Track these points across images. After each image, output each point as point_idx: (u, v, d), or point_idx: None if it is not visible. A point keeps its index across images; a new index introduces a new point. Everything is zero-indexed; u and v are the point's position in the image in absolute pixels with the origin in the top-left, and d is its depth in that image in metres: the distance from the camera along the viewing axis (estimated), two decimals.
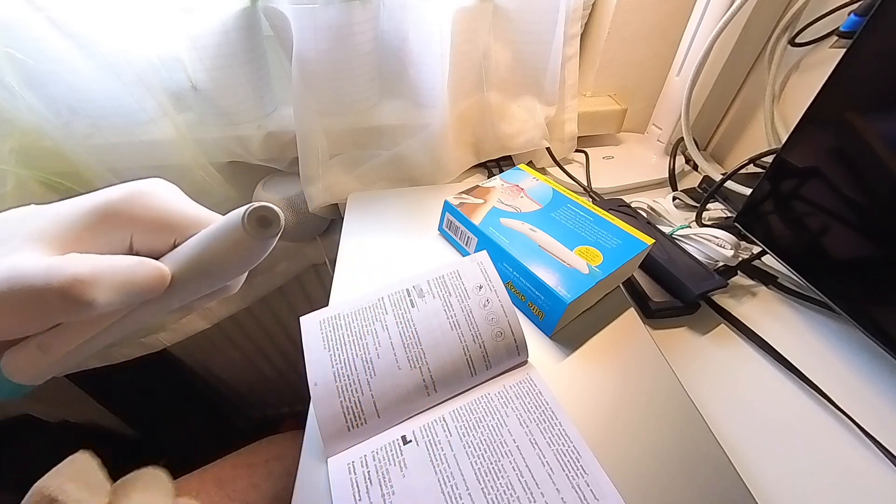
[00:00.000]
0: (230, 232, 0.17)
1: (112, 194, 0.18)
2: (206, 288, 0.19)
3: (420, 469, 0.27)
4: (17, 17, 0.41)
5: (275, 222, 0.16)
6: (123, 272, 0.17)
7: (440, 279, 0.34)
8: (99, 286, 0.16)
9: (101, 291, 0.16)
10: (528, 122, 0.56)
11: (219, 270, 0.18)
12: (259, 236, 0.16)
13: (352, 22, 0.46)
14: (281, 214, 0.17)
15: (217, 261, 0.18)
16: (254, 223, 0.16)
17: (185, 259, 0.18)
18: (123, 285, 0.17)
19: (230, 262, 0.18)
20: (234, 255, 0.18)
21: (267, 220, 0.16)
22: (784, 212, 0.41)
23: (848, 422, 0.34)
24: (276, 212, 0.16)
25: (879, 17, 0.32)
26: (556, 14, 0.49)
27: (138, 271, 0.17)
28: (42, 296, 0.15)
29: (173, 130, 0.50)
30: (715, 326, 0.41)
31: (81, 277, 0.16)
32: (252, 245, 0.17)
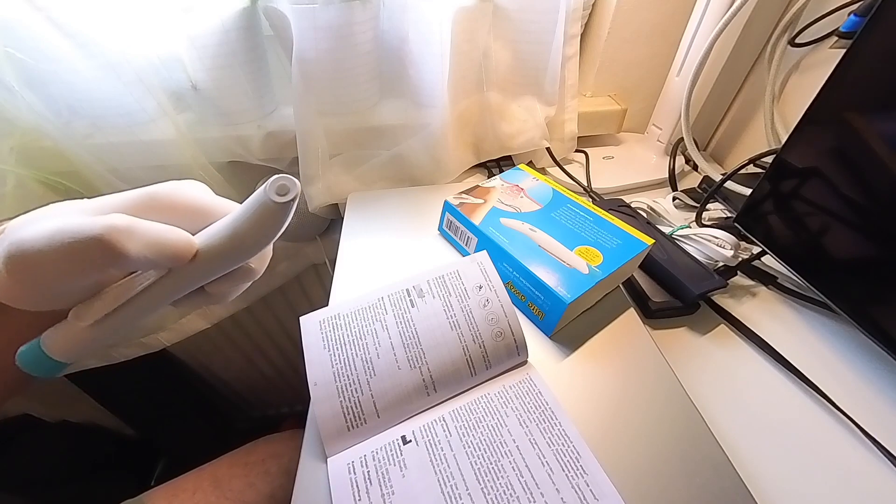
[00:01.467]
0: (254, 204, 0.19)
1: (154, 186, 0.21)
2: (232, 260, 0.21)
3: (420, 469, 0.27)
4: (17, 17, 0.41)
5: (293, 189, 0.19)
6: (155, 231, 0.19)
7: (440, 279, 0.34)
8: (133, 238, 0.18)
9: (134, 244, 0.18)
10: (528, 122, 0.56)
11: (243, 241, 0.20)
12: (280, 202, 0.19)
13: (352, 22, 0.46)
14: (298, 182, 0.19)
15: (242, 231, 0.20)
16: (274, 191, 0.19)
17: (212, 232, 0.21)
18: (155, 243, 0.19)
19: (254, 230, 0.20)
20: (257, 223, 0.20)
21: (286, 187, 0.19)
22: (784, 212, 0.41)
23: (848, 422, 0.34)
24: (293, 180, 0.19)
25: (879, 18, 0.32)
26: (556, 14, 0.49)
27: (169, 234, 0.19)
28: (82, 244, 0.17)
29: (173, 130, 0.50)
30: (715, 326, 0.41)
31: (118, 227, 0.18)
32: (274, 211, 0.19)
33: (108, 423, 0.84)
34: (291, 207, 0.20)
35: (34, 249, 0.17)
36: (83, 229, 0.17)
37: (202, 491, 0.51)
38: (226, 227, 0.20)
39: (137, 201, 0.20)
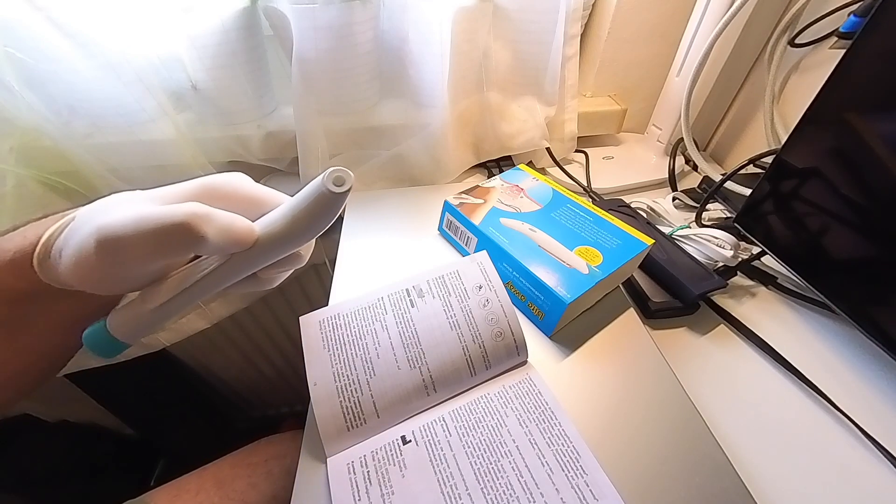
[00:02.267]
0: (311, 193, 0.21)
1: (210, 177, 0.23)
2: (287, 247, 0.23)
3: (420, 469, 0.27)
4: (17, 17, 0.41)
5: (348, 180, 0.20)
6: (226, 218, 0.21)
7: (440, 279, 0.34)
8: (211, 224, 0.20)
9: (211, 229, 0.20)
10: (528, 122, 0.56)
11: (299, 229, 0.22)
12: (336, 192, 0.20)
13: (352, 22, 0.46)
14: (352, 174, 0.21)
15: (299, 219, 0.22)
16: (332, 182, 0.20)
17: (271, 220, 0.22)
18: (226, 229, 0.20)
19: (310, 219, 0.22)
20: (314, 212, 0.21)
21: (342, 178, 0.20)
22: (784, 212, 0.41)
23: (847, 422, 0.34)
24: (348, 172, 0.20)
25: (879, 18, 0.32)
26: (556, 14, 0.49)
27: (236, 221, 0.21)
28: (168, 229, 0.19)
29: (173, 130, 0.50)
30: (714, 327, 0.41)
31: (198, 214, 0.20)
32: (330, 201, 0.21)
33: (108, 423, 0.84)
34: (345, 197, 0.21)
35: (124, 234, 0.19)
36: (168, 215, 0.19)
37: (205, 491, 0.51)
38: (284, 215, 0.22)
39: (200, 191, 0.22)
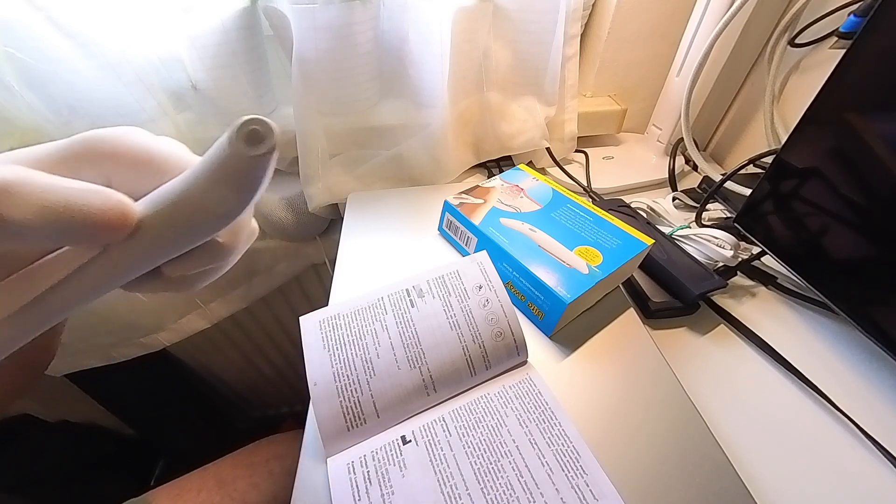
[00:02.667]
0: (215, 157, 0.14)
1: (94, 131, 0.15)
2: (188, 238, 0.15)
3: (420, 469, 0.27)
4: (17, 17, 0.41)
5: (268, 136, 0.13)
6: (67, 192, 0.12)
7: (440, 279, 0.34)
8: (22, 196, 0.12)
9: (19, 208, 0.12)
10: (528, 122, 0.56)
11: (201, 208, 0.14)
12: (251, 154, 0.13)
13: (352, 22, 0.46)
14: (274, 126, 0.13)
15: (198, 193, 0.14)
16: (242, 140, 0.13)
17: (161, 195, 0.15)
18: (63, 208, 0.12)
19: (215, 193, 0.14)
20: (219, 183, 0.14)
21: (258, 133, 0.13)
22: (784, 212, 0.41)
23: (847, 422, 0.34)
24: (268, 124, 0.13)
25: (879, 18, 0.32)
26: (556, 14, 0.49)
27: (91, 198, 0.13)
28: None
29: (173, 130, 0.50)
30: (714, 327, 0.41)
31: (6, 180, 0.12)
32: (242, 167, 0.14)
33: (107, 423, 0.84)
34: (267, 162, 0.14)
35: None
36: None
37: (207, 491, 0.51)
38: (178, 188, 0.14)
39: (75, 148, 0.15)
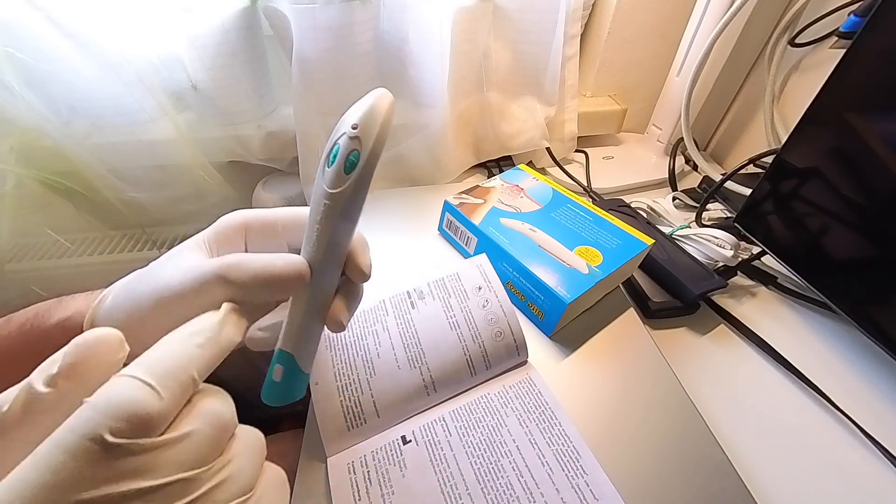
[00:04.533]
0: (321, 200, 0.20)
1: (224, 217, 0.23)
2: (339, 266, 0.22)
3: (420, 469, 0.27)
4: (17, 17, 0.41)
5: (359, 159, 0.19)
6: (262, 261, 0.20)
7: (440, 282, 0.34)
8: (241, 268, 0.19)
9: (242, 274, 0.19)
10: (528, 122, 0.56)
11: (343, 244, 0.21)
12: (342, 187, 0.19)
13: (352, 22, 0.46)
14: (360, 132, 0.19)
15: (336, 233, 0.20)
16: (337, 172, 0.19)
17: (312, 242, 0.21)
18: (264, 272, 0.19)
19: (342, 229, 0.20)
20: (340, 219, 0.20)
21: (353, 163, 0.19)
22: (784, 212, 0.41)
23: (848, 422, 0.34)
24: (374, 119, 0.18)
25: (879, 18, 0.32)
26: (556, 14, 0.49)
27: (276, 262, 0.20)
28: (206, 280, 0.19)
29: (173, 130, 0.50)
30: (715, 326, 0.41)
31: (229, 262, 0.19)
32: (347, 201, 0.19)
33: None
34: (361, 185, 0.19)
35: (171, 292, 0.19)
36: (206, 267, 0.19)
37: None
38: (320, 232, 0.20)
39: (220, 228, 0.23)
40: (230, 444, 0.16)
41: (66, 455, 0.11)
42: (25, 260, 0.59)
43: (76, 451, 0.11)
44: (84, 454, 0.11)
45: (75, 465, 0.11)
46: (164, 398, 0.13)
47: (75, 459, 0.11)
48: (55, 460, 0.11)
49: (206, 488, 0.14)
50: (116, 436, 0.12)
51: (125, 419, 0.12)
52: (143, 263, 0.23)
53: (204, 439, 0.14)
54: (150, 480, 0.12)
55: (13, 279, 0.58)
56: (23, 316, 0.24)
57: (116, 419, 0.12)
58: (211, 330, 0.17)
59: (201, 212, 0.60)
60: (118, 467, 0.12)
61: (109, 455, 0.12)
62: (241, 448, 0.16)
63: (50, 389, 0.13)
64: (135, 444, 0.12)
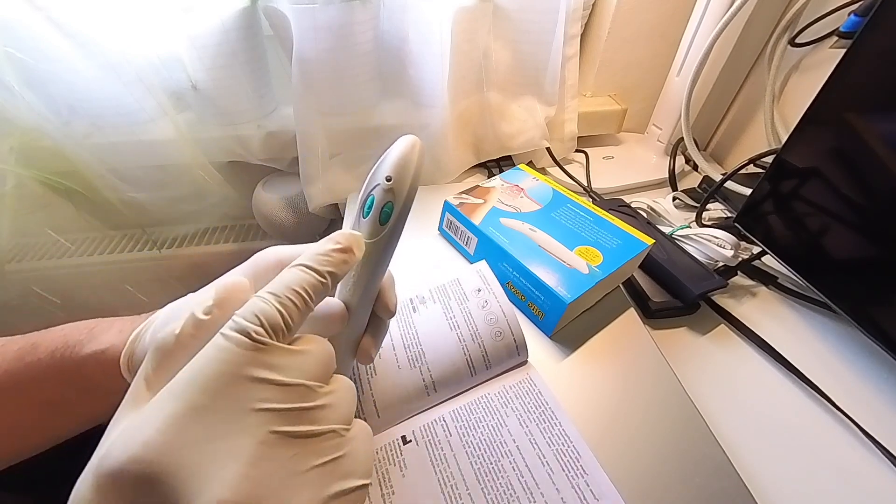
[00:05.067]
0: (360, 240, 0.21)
1: (257, 254, 0.23)
2: (371, 301, 0.23)
3: (420, 469, 0.27)
4: (17, 17, 0.41)
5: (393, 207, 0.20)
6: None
7: (440, 288, 0.35)
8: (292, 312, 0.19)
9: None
10: (528, 122, 0.56)
11: (375, 284, 0.22)
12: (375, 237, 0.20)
13: (352, 22, 0.46)
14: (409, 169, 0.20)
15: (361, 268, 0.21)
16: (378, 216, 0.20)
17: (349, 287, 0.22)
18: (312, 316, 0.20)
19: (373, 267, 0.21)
20: (366, 262, 0.21)
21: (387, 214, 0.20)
22: (784, 212, 0.41)
23: (848, 422, 0.34)
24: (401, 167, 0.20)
25: (879, 18, 0.32)
26: (556, 14, 0.49)
27: (320, 307, 0.20)
28: None
29: (173, 130, 0.50)
30: (715, 326, 0.41)
31: None
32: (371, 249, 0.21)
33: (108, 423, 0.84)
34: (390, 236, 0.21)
35: None
36: None
37: None
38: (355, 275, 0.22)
39: (251, 265, 0.23)
40: (333, 379, 0.19)
41: (227, 343, 0.15)
42: (26, 260, 0.59)
43: (233, 340, 0.15)
44: (239, 342, 0.15)
45: (234, 350, 0.15)
46: (284, 307, 0.17)
47: (233, 346, 0.15)
48: (220, 347, 0.15)
49: (320, 402, 0.17)
50: (258, 334, 0.16)
51: (260, 321, 0.16)
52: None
53: (318, 358, 0.18)
54: (283, 376, 0.16)
55: (13, 279, 0.58)
56: (51, 343, 0.24)
57: (255, 321, 0.16)
58: (308, 259, 0.19)
59: (201, 212, 0.60)
60: (263, 358, 0.16)
61: (255, 346, 0.16)
62: (342, 385, 0.19)
63: (208, 316, 0.17)
64: (271, 343, 0.16)
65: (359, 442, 0.18)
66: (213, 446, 0.14)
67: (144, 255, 0.61)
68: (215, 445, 0.14)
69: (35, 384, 0.24)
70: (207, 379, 0.15)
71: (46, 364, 0.24)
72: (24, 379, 0.24)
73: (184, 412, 0.14)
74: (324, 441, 0.17)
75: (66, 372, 0.24)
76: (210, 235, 0.66)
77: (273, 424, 0.15)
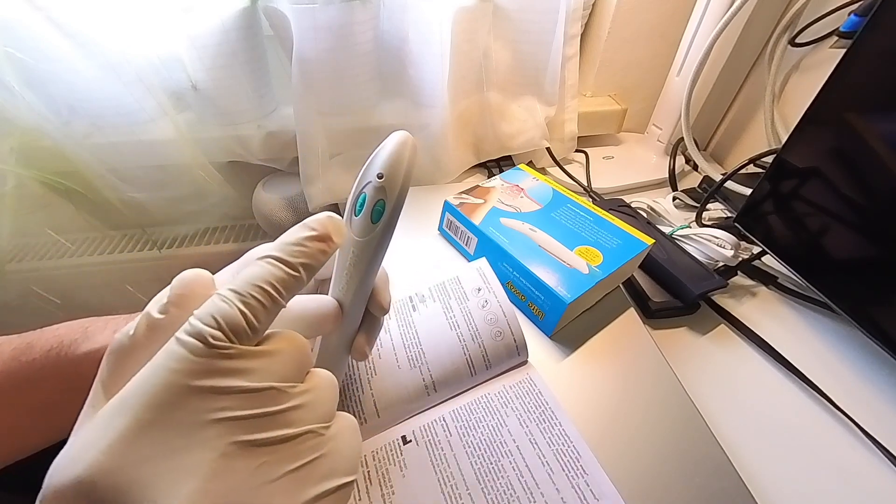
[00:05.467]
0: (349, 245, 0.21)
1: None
2: (364, 301, 0.23)
3: (420, 469, 0.27)
4: (17, 17, 0.41)
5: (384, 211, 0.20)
6: (295, 303, 0.20)
7: (440, 286, 0.35)
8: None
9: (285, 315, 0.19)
10: (528, 122, 0.56)
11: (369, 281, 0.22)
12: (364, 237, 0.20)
13: (352, 22, 0.46)
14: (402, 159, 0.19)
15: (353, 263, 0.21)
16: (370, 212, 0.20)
17: (342, 285, 0.22)
18: (299, 312, 0.20)
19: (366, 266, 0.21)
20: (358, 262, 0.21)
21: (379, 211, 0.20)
22: (784, 212, 0.41)
23: (848, 422, 0.34)
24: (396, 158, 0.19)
25: (879, 18, 0.32)
26: (556, 14, 0.49)
27: (309, 304, 0.21)
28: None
29: (173, 130, 0.50)
30: (715, 326, 0.41)
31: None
32: (364, 248, 0.20)
33: None
34: (380, 237, 0.20)
35: None
36: None
37: None
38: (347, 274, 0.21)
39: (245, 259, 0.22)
40: (309, 377, 0.18)
41: (180, 350, 0.14)
42: (26, 260, 0.59)
43: (187, 346, 0.14)
44: (193, 349, 0.14)
45: (187, 358, 0.14)
46: (248, 307, 0.15)
47: (187, 353, 0.14)
48: (172, 355, 0.14)
49: (293, 403, 0.16)
50: (216, 339, 0.14)
51: (218, 324, 0.15)
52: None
53: (290, 357, 0.17)
54: (247, 381, 0.15)
55: (13, 279, 0.58)
56: (46, 343, 0.25)
57: (212, 324, 0.15)
58: (280, 250, 0.17)
59: (201, 212, 0.60)
60: (222, 365, 0.14)
61: (213, 352, 0.14)
62: (319, 382, 0.18)
63: (163, 316, 0.16)
64: (232, 347, 0.15)
65: (341, 439, 0.17)
66: (168, 463, 0.13)
67: (144, 255, 0.61)
68: (171, 462, 0.13)
69: (31, 384, 0.24)
70: (156, 391, 0.14)
71: (42, 364, 0.24)
72: (19, 379, 0.24)
73: (131, 428, 0.13)
74: (299, 444, 0.16)
75: (62, 371, 0.24)
76: (210, 235, 0.66)
77: (235, 434, 0.14)
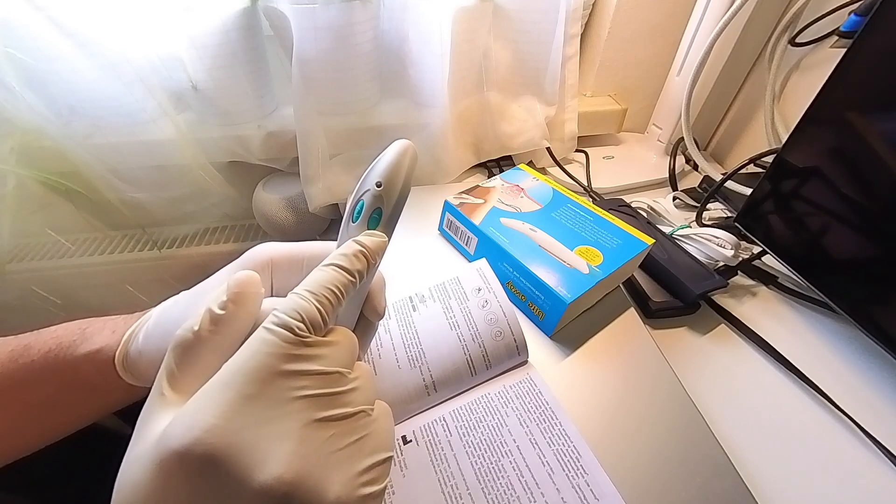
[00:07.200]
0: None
1: (248, 251, 0.24)
2: (361, 300, 0.23)
3: (420, 469, 0.27)
4: (16, 17, 0.41)
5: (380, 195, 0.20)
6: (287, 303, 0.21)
7: (440, 286, 0.35)
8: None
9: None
10: (529, 121, 0.56)
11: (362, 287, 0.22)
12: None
13: (352, 22, 0.46)
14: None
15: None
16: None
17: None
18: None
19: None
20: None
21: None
22: (784, 212, 0.41)
23: (848, 422, 0.34)
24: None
25: (880, 17, 0.32)
26: (557, 14, 0.49)
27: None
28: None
29: (173, 130, 0.50)
30: (715, 326, 0.41)
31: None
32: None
33: (108, 423, 0.84)
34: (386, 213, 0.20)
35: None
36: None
37: None
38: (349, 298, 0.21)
39: (247, 263, 0.23)
40: (356, 367, 0.20)
41: (272, 338, 0.17)
42: (26, 260, 0.59)
43: (278, 335, 0.17)
44: (283, 337, 0.17)
45: (278, 344, 0.17)
46: (321, 304, 0.18)
47: (278, 340, 0.17)
48: (266, 341, 0.17)
49: (350, 386, 0.18)
50: (301, 330, 0.17)
51: (302, 317, 0.17)
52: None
53: (346, 347, 0.19)
54: (321, 366, 0.17)
55: (13, 279, 0.58)
56: (44, 344, 0.25)
57: (297, 317, 0.17)
58: (339, 259, 0.20)
59: (202, 212, 0.60)
60: (304, 352, 0.17)
61: (298, 340, 0.17)
62: (364, 372, 0.20)
63: (223, 311, 0.18)
64: (311, 337, 0.17)
65: (382, 420, 0.20)
66: (264, 430, 0.16)
67: (144, 255, 0.61)
68: (266, 429, 0.16)
69: (29, 385, 0.24)
70: (254, 370, 0.16)
71: (40, 365, 0.24)
72: (18, 380, 0.24)
73: (237, 400, 0.16)
74: (355, 421, 0.18)
75: (61, 373, 0.24)
76: (210, 235, 0.66)
77: (313, 409, 0.17)
